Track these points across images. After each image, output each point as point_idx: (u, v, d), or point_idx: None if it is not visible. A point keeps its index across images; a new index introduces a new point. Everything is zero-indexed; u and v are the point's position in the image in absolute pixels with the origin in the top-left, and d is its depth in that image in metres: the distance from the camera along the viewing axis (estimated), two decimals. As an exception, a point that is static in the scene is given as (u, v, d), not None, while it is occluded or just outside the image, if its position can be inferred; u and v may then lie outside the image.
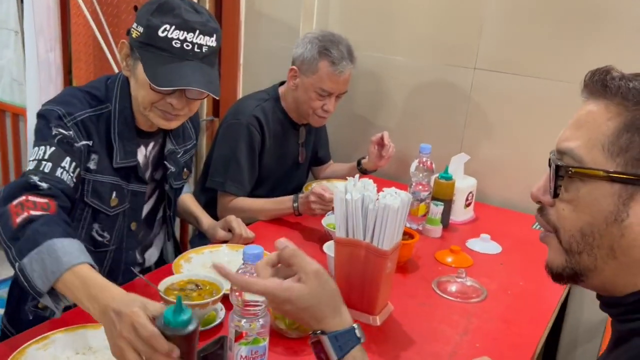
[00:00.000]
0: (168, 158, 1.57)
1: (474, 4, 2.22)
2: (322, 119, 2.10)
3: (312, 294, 0.87)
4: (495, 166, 2.30)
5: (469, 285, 1.58)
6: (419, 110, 2.42)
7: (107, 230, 1.48)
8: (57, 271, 1.07)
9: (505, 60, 2.21)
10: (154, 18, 1.32)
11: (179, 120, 1.44)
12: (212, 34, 1.35)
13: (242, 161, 2.02)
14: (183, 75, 1.31)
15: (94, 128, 1.39)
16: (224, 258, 1.57)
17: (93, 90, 1.45)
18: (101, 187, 1.42)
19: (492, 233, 1.91)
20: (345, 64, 1.99)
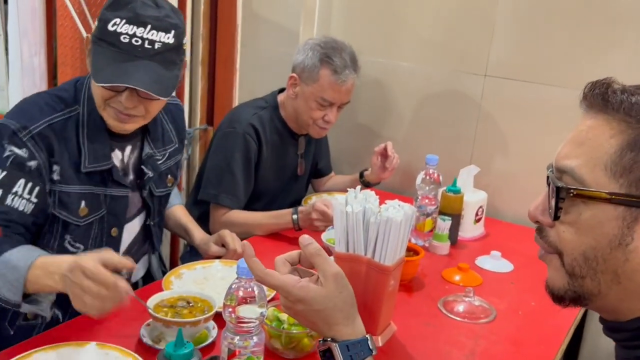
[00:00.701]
0: (145, 162, 1.60)
1: (485, 6, 2.28)
2: (323, 130, 2.14)
3: (328, 297, 0.90)
4: (507, 179, 2.34)
5: (477, 305, 1.61)
6: (425, 119, 2.47)
7: (80, 241, 1.51)
8: (20, 276, 1.24)
9: (518, 66, 2.25)
10: (107, 11, 1.36)
11: (135, 122, 1.47)
12: (168, 30, 1.36)
13: (237, 172, 2.05)
14: (125, 72, 1.33)
15: (59, 134, 1.43)
16: (217, 274, 1.61)
17: (61, 92, 1.50)
18: (67, 198, 1.45)
19: (504, 250, 1.94)
20: (348, 72, 2.03)
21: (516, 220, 2.33)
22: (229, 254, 1.73)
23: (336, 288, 0.92)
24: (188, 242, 1.90)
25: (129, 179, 1.60)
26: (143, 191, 1.62)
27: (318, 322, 0.92)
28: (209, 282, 1.57)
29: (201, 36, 2.63)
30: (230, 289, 1.08)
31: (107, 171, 1.51)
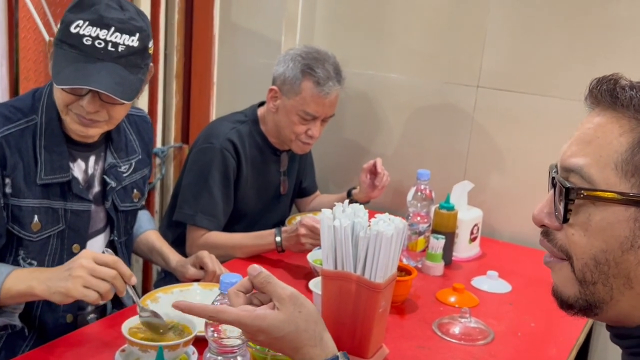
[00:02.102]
0: (108, 172, 1.64)
1: (476, 16, 2.35)
2: (306, 146, 2.18)
3: (287, 321, 0.94)
4: (503, 196, 2.40)
5: (474, 327, 1.65)
6: (416, 133, 2.53)
7: (35, 257, 1.54)
8: None
9: (511, 77, 2.33)
10: (70, 13, 1.41)
11: (98, 128, 1.51)
12: (133, 32, 1.41)
13: (214, 191, 2.08)
14: (86, 74, 1.37)
15: (14, 146, 1.47)
16: (196, 297, 1.63)
17: (17, 102, 1.55)
18: (19, 212, 1.49)
19: (501, 270, 1.99)
20: (332, 84, 2.07)
21: (513, 240, 2.38)
22: (208, 276, 1.75)
23: (295, 309, 0.95)
24: (163, 266, 1.92)
25: (93, 191, 1.63)
26: (106, 202, 1.65)
27: (284, 348, 0.96)
28: (187, 305, 1.59)
29: (175, 48, 2.68)
30: (213, 306, 1.10)
31: (67, 184, 1.54)
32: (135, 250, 1.92)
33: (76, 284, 1.29)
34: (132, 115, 1.75)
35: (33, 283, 1.36)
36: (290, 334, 0.93)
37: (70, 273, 1.31)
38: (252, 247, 2.02)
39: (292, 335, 0.94)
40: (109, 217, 1.69)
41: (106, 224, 1.70)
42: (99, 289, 1.31)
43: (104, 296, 1.32)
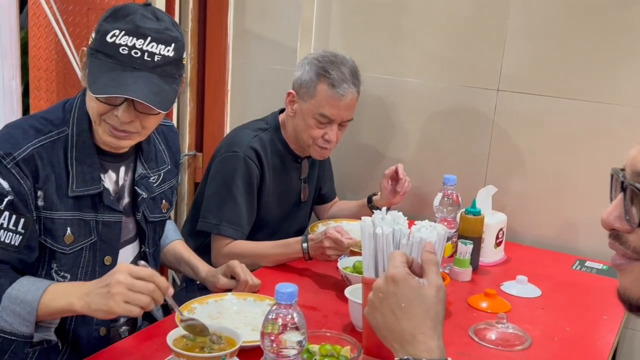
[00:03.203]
0: (139, 183, 1.65)
1: (495, 18, 2.38)
2: (324, 151, 2.19)
3: (424, 296, 0.97)
4: (525, 200, 2.42)
5: (511, 332, 1.66)
6: (435, 138, 2.55)
7: (68, 270, 1.55)
8: (32, 309, 1.38)
9: (532, 80, 2.35)
10: (106, 23, 1.42)
11: (130, 139, 1.52)
12: (168, 42, 1.43)
13: (239, 199, 2.10)
14: (123, 83, 1.39)
15: (45, 158, 1.48)
16: (233, 307, 1.64)
17: (48, 114, 1.55)
18: (51, 224, 1.50)
19: (528, 275, 2.00)
20: (347, 86, 2.09)
21: (536, 244, 2.41)
22: (240, 285, 1.76)
23: (435, 297, 0.97)
24: (192, 276, 1.93)
25: (124, 202, 1.64)
26: (137, 214, 1.66)
27: (402, 320, 0.96)
28: (224, 316, 1.60)
29: (189, 56, 2.69)
30: (269, 316, 1.12)
31: (98, 195, 1.55)
32: (162, 260, 1.93)
33: (117, 300, 1.30)
34: (160, 125, 1.75)
35: (72, 299, 1.37)
36: (418, 314, 0.95)
37: (109, 290, 1.31)
38: (279, 256, 2.03)
39: (418, 309, 0.96)
40: (139, 228, 1.69)
41: (136, 235, 1.71)
42: (140, 303, 1.32)
43: (145, 309, 1.34)
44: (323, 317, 1.70)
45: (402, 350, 0.97)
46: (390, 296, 0.98)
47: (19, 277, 1.44)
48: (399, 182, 2.26)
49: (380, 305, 0.99)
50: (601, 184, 2.28)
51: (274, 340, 1.10)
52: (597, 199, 2.32)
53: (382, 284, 1.00)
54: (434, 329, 0.96)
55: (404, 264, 1.02)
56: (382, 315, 0.99)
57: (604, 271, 2.16)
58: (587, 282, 2.09)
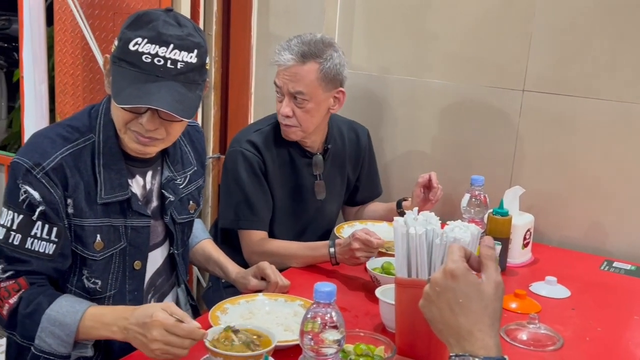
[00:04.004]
0: (166, 186, 1.66)
1: (521, 17, 2.38)
2: (287, 129, 2.14)
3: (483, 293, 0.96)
4: (551, 201, 2.41)
5: (543, 333, 1.66)
6: (460, 139, 2.55)
7: (97, 276, 1.57)
8: (71, 332, 1.41)
9: (558, 80, 2.35)
10: (128, 30, 1.43)
11: (156, 146, 1.54)
12: (191, 49, 1.42)
13: (247, 190, 2.12)
14: (147, 93, 1.38)
15: (73, 166, 1.50)
16: (265, 308, 1.66)
17: (74, 122, 1.57)
18: (82, 232, 1.52)
19: (556, 276, 2.00)
20: (284, 53, 2.08)
21: (563, 244, 2.40)
22: (270, 287, 1.78)
23: (494, 294, 0.97)
24: (221, 276, 1.95)
25: (151, 206, 1.66)
26: (165, 217, 1.67)
27: (460, 316, 0.95)
28: (256, 316, 1.62)
29: (213, 59, 2.72)
30: (307, 315, 1.13)
31: (126, 201, 1.57)
32: (191, 260, 1.95)
33: (158, 354, 1.32)
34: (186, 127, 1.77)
35: (114, 329, 1.39)
36: (476, 311, 0.95)
37: (148, 344, 1.32)
38: (306, 258, 2.04)
39: (477, 306, 0.95)
40: (168, 230, 1.71)
41: (164, 238, 1.72)
42: (177, 355, 1.32)
43: None
44: (354, 318, 1.71)
45: (458, 346, 0.97)
46: (448, 291, 0.98)
47: (57, 296, 1.47)
48: (431, 190, 2.25)
49: (437, 299, 0.99)
50: (628, 184, 2.31)
51: (313, 338, 1.11)
52: (625, 199, 2.33)
53: (440, 277, 1.00)
54: (492, 326, 0.96)
55: (463, 259, 1.01)
56: (439, 309, 1.00)
57: (632, 272, 2.15)
58: (616, 283, 2.08)
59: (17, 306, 1.44)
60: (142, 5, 2.53)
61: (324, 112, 2.16)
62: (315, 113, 2.12)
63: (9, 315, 1.45)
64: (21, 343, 1.48)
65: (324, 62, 2.07)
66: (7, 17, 5.27)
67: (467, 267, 1.00)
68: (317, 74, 2.07)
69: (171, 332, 1.30)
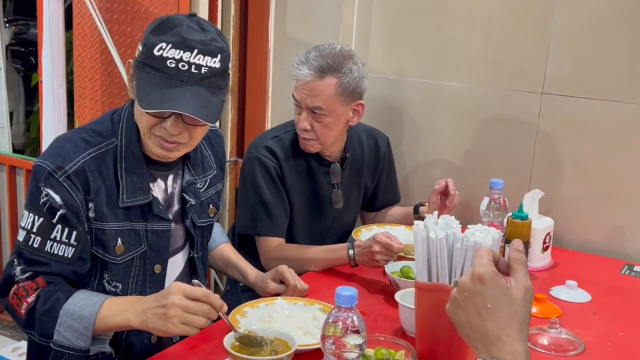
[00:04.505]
0: (187, 190, 1.67)
1: (539, 19, 2.36)
2: (305, 142, 2.14)
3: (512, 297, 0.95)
4: (570, 204, 2.40)
5: (564, 338, 1.65)
6: (478, 142, 2.54)
7: (118, 280, 1.58)
8: (89, 324, 1.42)
9: (578, 82, 2.33)
10: (153, 36, 1.44)
11: (179, 151, 1.55)
12: (215, 54, 1.43)
13: (265, 196, 2.12)
14: (171, 98, 1.40)
15: (95, 170, 1.51)
16: (284, 311, 1.66)
17: (97, 126, 1.58)
18: (102, 235, 1.53)
19: (577, 280, 1.99)
20: (302, 68, 2.06)
21: (583, 248, 2.38)
22: (289, 290, 1.78)
23: (523, 299, 0.96)
24: (240, 280, 1.95)
25: (173, 209, 1.67)
26: (185, 221, 1.68)
27: (487, 321, 0.94)
28: (275, 320, 1.62)
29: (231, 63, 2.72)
30: (329, 319, 1.13)
31: (147, 205, 1.58)
32: (210, 263, 1.96)
33: (175, 322, 1.33)
34: None
35: (129, 316, 1.40)
36: (504, 316, 0.93)
37: (166, 312, 1.34)
38: (325, 261, 2.04)
39: (505, 311, 0.94)
40: (188, 234, 1.72)
41: (185, 242, 1.73)
42: (196, 324, 1.34)
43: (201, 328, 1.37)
44: (373, 322, 1.70)
45: (486, 351, 0.95)
46: (476, 295, 0.97)
47: (74, 291, 1.48)
48: (448, 197, 2.24)
49: (465, 303, 0.98)
50: (649, 187, 2.29)
51: (334, 343, 1.11)
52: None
53: (467, 282, 0.99)
54: (520, 332, 0.95)
55: (492, 262, 1.00)
56: (466, 314, 0.98)
57: (654, 276, 2.14)
58: (637, 287, 2.06)
59: (35, 304, 1.45)
60: (160, 10, 2.55)
61: (343, 125, 2.15)
62: (333, 127, 2.12)
63: (27, 314, 1.46)
64: (39, 342, 1.49)
65: (343, 77, 2.05)
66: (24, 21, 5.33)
67: (495, 271, 0.98)
68: (336, 88, 2.05)
69: (190, 296, 1.33)
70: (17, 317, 1.48)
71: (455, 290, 1.01)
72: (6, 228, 3.34)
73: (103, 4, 2.64)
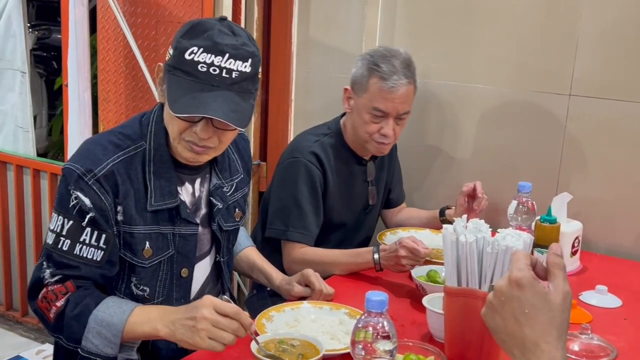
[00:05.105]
0: (214, 194, 1.67)
1: (567, 20, 2.33)
2: (382, 146, 2.17)
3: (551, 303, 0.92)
4: (600, 208, 2.36)
5: (596, 344, 1.62)
6: (504, 144, 2.51)
7: (146, 284, 1.58)
8: (118, 332, 1.42)
9: (606, 84, 2.30)
10: (184, 40, 1.43)
11: (208, 154, 1.54)
12: (246, 58, 1.43)
13: (303, 204, 2.11)
14: (203, 102, 1.40)
15: (124, 173, 1.51)
16: (310, 316, 1.64)
17: (125, 129, 1.58)
18: (131, 239, 1.53)
19: (607, 284, 1.95)
20: (397, 78, 2.07)
21: (612, 252, 2.34)
22: (315, 294, 1.77)
23: (562, 304, 0.93)
24: (265, 284, 1.94)
25: (200, 213, 1.66)
26: (212, 224, 1.68)
27: (525, 327, 0.92)
28: (301, 324, 1.61)
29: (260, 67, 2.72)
30: (358, 324, 1.12)
31: (175, 209, 1.57)
32: (235, 267, 1.95)
33: (202, 336, 1.33)
34: None
35: (158, 325, 1.40)
36: (543, 322, 0.91)
37: (195, 325, 1.33)
38: (349, 265, 2.02)
39: (544, 324, 0.91)
40: (214, 238, 1.72)
41: (211, 246, 1.73)
42: (223, 340, 1.33)
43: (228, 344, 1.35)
44: (400, 327, 1.68)
45: (523, 358, 0.93)
46: (514, 300, 0.95)
47: (103, 297, 1.48)
48: (475, 200, 2.22)
49: (502, 308, 0.95)
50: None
51: (364, 348, 1.09)
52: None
53: (505, 286, 0.96)
54: (559, 339, 0.92)
55: (529, 267, 0.97)
56: (503, 319, 0.96)
57: (685, 281, 2.10)
58: (669, 292, 2.03)
59: (64, 309, 1.45)
60: (184, 13, 2.55)
61: None
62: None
63: (56, 318, 1.46)
64: (67, 347, 1.49)
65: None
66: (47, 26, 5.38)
67: (533, 275, 0.96)
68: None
69: (220, 310, 1.33)
70: (45, 320, 1.49)
71: (492, 294, 0.98)
72: (30, 231, 3.36)
73: (127, 8, 2.65)
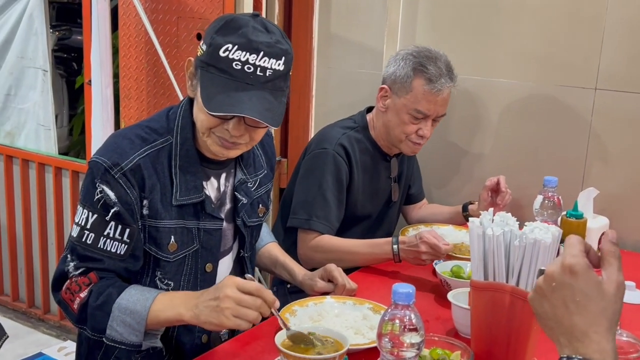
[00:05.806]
0: (239, 189, 1.66)
1: (592, 13, 2.30)
2: (417, 146, 2.17)
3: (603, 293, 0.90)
4: (625, 203, 2.33)
5: (625, 340, 1.59)
6: (529, 139, 2.49)
7: (171, 278, 1.58)
8: (142, 319, 1.42)
9: (632, 77, 2.27)
10: (218, 36, 1.42)
11: (238, 150, 1.54)
12: (279, 56, 1.42)
13: (328, 195, 2.10)
14: (238, 101, 1.39)
15: (151, 167, 1.50)
16: (333, 310, 1.63)
17: (152, 123, 1.58)
18: (156, 233, 1.53)
19: (634, 280, 1.92)
20: (444, 81, 2.07)
21: (639, 249, 2.31)
22: (338, 289, 1.75)
23: (615, 295, 0.91)
24: (287, 279, 1.93)
25: (225, 208, 1.66)
26: (237, 220, 1.67)
27: (575, 315, 0.89)
28: (325, 319, 1.60)
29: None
30: (385, 317, 1.10)
31: (200, 203, 1.57)
32: (257, 263, 1.95)
33: (227, 315, 1.33)
34: None
35: (181, 310, 1.40)
36: (594, 312, 0.89)
37: (219, 304, 1.33)
38: (367, 255, 2.01)
39: (595, 307, 0.89)
40: (238, 233, 1.71)
41: (235, 241, 1.72)
42: (248, 317, 1.33)
43: (253, 322, 1.36)
44: (425, 322, 1.61)
45: (570, 347, 0.90)
46: (565, 287, 0.92)
47: (126, 286, 1.48)
48: (499, 194, 2.20)
49: (552, 294, 0.92)
50: None
51: (391, 340, 1.08)
52: None
53: (557, 272, 0.93)
54: (609, 330, 0.90)
55: (584, 254, 0.94)
56: (552, 305, 0.93)
57: None
58: (698, 289, 1.99)
59: (88, 299, 1.45)
60: (205, 9, 2.55)
61: None
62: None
63: (80, 310, 1.46)
64: (92, 337, 1.49)
65: None
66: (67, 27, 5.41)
67: (588, 263, 0.92)
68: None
69: (243, 289, 1.33)
70: (69, 312, 1.49)
71: (542, 279, 0.95)
72: (52, 228, 3.39)
73: (148, 4, 2.65)
